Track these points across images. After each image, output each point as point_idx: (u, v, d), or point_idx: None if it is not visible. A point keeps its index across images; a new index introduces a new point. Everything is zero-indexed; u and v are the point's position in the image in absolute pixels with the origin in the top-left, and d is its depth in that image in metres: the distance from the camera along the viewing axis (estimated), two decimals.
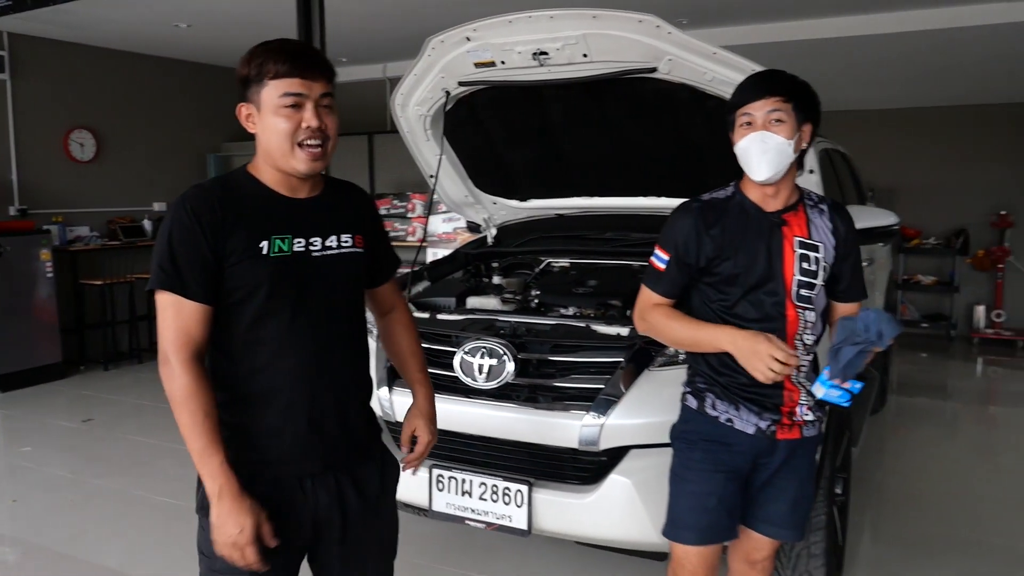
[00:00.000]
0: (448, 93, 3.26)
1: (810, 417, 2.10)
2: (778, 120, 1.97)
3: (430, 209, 3.82)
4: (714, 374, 2.10)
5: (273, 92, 1.63)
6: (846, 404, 1.97)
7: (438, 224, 7.49)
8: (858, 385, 1.98)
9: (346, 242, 1.76)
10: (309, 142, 1.65)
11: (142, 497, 4.23)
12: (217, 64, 8.74)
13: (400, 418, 1.97)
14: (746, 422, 2.07)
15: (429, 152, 3.62)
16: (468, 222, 4.37)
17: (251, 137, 1.71)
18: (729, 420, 2.08)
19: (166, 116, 8.43)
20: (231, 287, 1.65)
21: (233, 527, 1.58)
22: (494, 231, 4.10)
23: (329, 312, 1.73)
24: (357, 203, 1.85)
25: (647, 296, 2.17)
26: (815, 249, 2.05)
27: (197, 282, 1.62)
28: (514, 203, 3.96)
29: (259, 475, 1.68)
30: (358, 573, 1.86)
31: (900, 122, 8.59)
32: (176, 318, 1.62)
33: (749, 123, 2.00)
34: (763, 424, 2.07)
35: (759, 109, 1.98)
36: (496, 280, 3.59)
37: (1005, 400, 6.69)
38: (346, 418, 1.77)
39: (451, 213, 7.04)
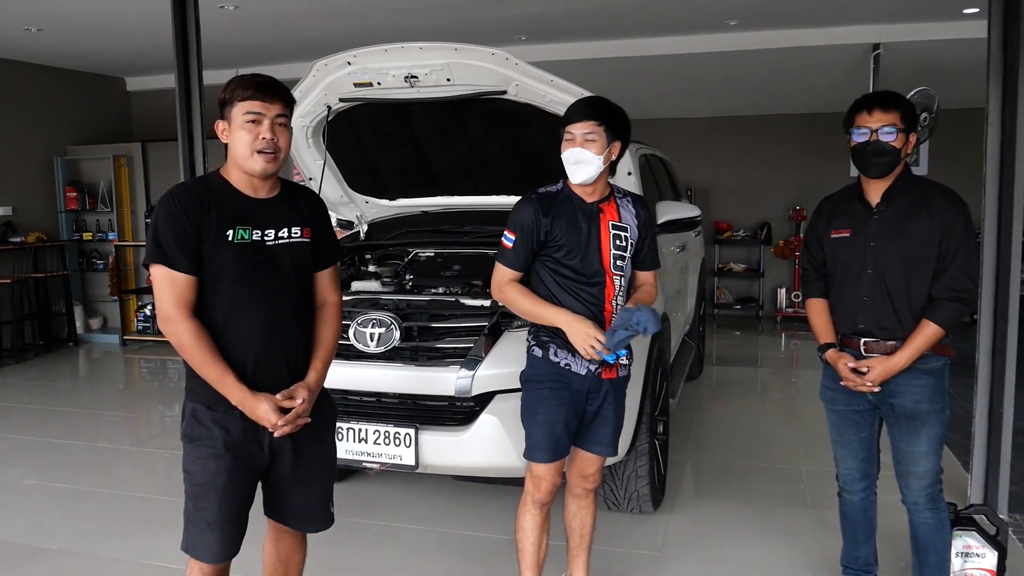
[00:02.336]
0: (329, 108, 3.79)
1: (624, 362, 2.78)
2: (591, 140, 2.60)
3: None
4: (556, 330, 2.68)
5: (239, 111, 2.13)
6: (612, 362, 2.66)
7: None
8: (623, 353, 2.69)
9: (296, 233, 2.24)
10: (264, 150, 2.14)
11: (36, 485, 4.47)
12: (66, 67, 8.70)
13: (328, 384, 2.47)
14: (580, 365, 2.69)
15: (309, 158, 4.13)
16: (339, 219, 4.88)
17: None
18: (567, 364, 2.69)
19: (10, 119, 8.26)
20: (205, 265, 2.12)
21: (262, 413, 2.15)
22: (365, 227, 4.65)
23: (280, 287, 2.22)
24: (309, 203, 2.34)
25: (502, 272, 2.70)
26: (624, 230, 2.73)
27: (184, 256, 2.09)
28: (384, 202, 4.54)
29: (229, 409, 2.18)
30: (305, 490, 2.37)
31: (712, 130, 9.76)
32: (171, 287, 2.10)
33: (570, 139, 2.63)
34: (592, 367, 2.70)
35: (578, 129, 2.61)
36: (372, 268, 4.13)
37: (802, 365, 7.87)
38: (296, 370, 2.26)
39: None
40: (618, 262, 2.72)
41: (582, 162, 2.61)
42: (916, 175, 2.73)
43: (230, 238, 2.14)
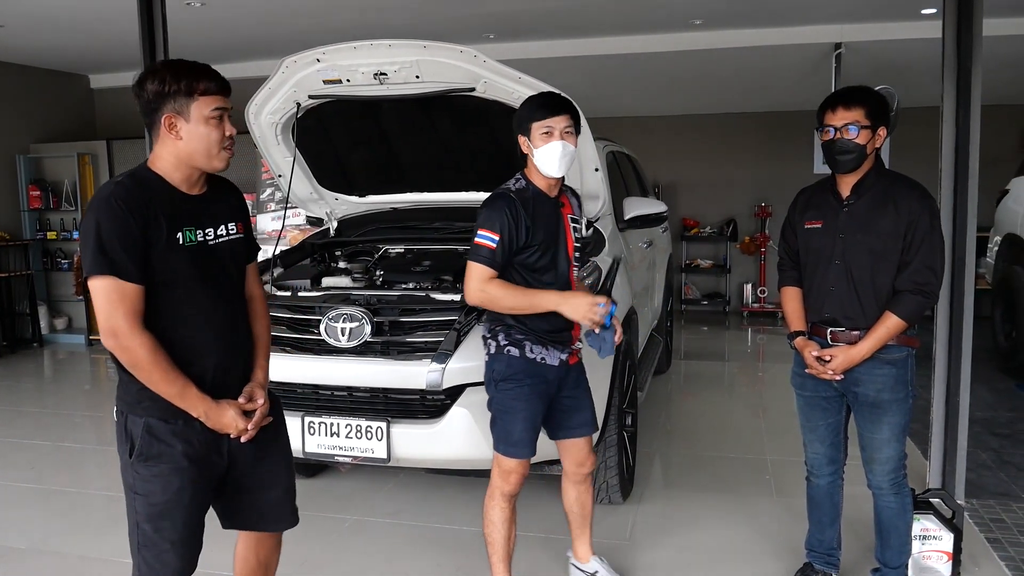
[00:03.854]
0: (299, 104, 3.81)
1: (580, 346, 2.87)
2: (569, 133, 2.68)
3: (285, 205, 4.31)
4: (528, 328, 2.74)
5: (204, 106, 1.99)
6: (609, 324, 2.64)
7: (267, 222, 7.88)
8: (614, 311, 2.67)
9: (232, 229, 2.16)
10: (228, 146, 2.07)
11: (3, 485, 4.43)
12: (28, 64, 8.57)
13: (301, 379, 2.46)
14: (554, 357, 2.77)
15: (279, 155, 4.14)
16: (308, 216, 4.89)
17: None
18: (543, 359, 2.76)
19: None
20: (155, 271, 1.96)
21: (228, 420, 2.08)
22: (335, 224, 4.65)
23: (227, 288, 2.15)
24: (235, 196, 2.25)
25: (481, 271, 2.63)
26: (578, 222, 2.83)
27: (134, 265, 1.91)
28: (354, 198, 4.56)
29: (189, 420, 2.06)
30: (272, 488, 2.31)
31: (679, 128, 9.84)
32: (122, 300, 1.91)
33: (548, 133, 2.66)
34: (563, 356, 2.79)
35: (558, 123, 2.66)
36: (342, 265, 4.14)
37: (768, 358, 8.01)
38: (246, 369, 2.21)
39: (279, 212, 7.45)
40: (577, 254, 2.81)
41: (566, 155, 2.67)
42: (888, 170, 2.81)
43: (181, 241, 2.01)
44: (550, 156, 2.66)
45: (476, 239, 2.65)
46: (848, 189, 2.76)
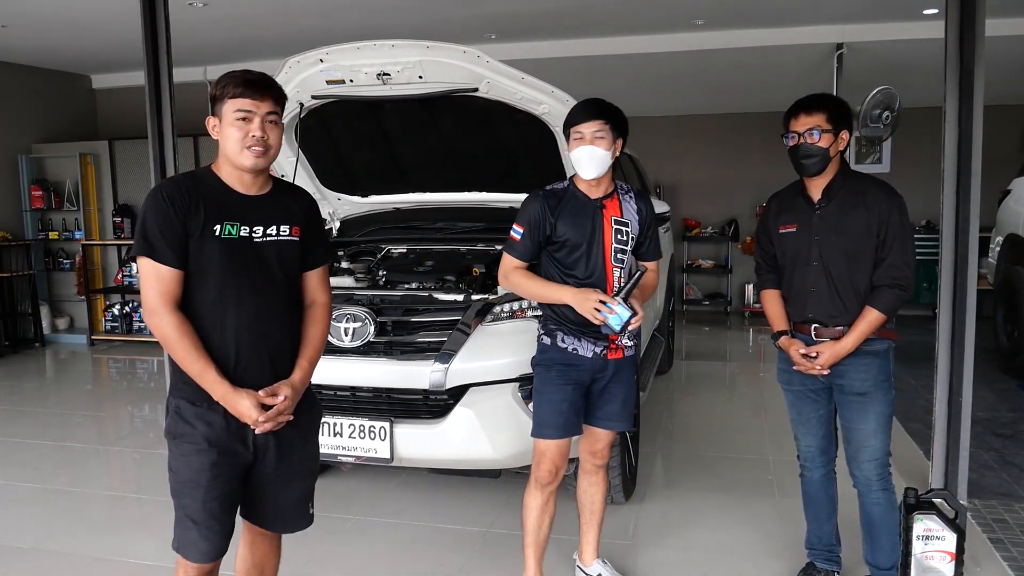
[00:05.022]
0: (302, 105, 3.81)
1: (628, 343, 2.89)
2: (600, 137, 2.73)
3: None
4: (562, 319, 2.82)
5: (230, 108, 2.14)
6: (618, 329, 2.67)
7: None
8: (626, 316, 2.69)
9: (284, 231, 2.24)
10: (253, 147, 2.14)
11: (5, 485, 4.44)
12: (30, 64, 8.58)
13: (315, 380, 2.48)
14: (586, 349, 2.82)
15: (281, 155, 4.12)
16: None
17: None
18: (574, 349, 2.82)
19: None
20: (192, 259, 2.12)
21: (243, 409, 2.14)
22: (338, 224, 4.66)
23: (267, 284, 2.21)
24: (300, 202, 2.34)
25: (508, 261, 2.84)
26: (625, 225, 2.83)
27: (171, 251, 2.10)
28: (357, 199, 4.56)
29: (213, 405, 2.17)
30: (286, 490, 2.36)
31: (681, 128, 9.85)
32: (157, 280, 2.10)
33: (580, 138, 2.75)
34: (598, 349, 2.83)
35: (587, 128, 2.74)
36: (345, 265, 4.15)
37: (769, 359, 7.98)
38: (281, 368, 2.24)
39: None
40: (618, 255, 2.82)
41: (595, 159, 2.73)
42: (854, 171, 2.90)
43: (217, 233, 2.14)
44: (578, 159, 2.77)
45: (510, 232, 2.85)
46: (819, 192, 2.83)
